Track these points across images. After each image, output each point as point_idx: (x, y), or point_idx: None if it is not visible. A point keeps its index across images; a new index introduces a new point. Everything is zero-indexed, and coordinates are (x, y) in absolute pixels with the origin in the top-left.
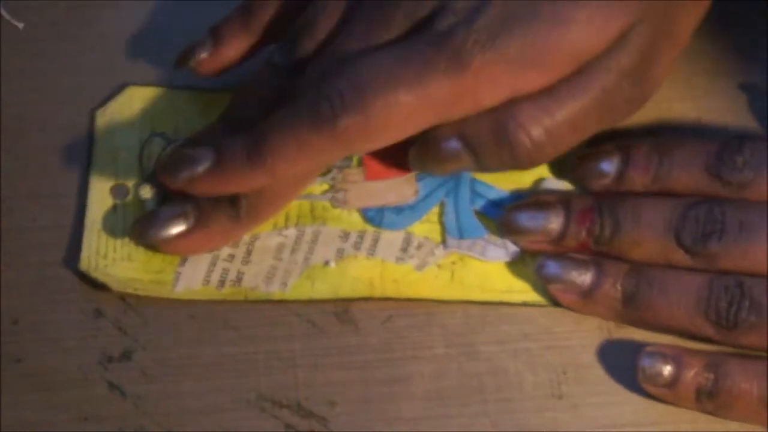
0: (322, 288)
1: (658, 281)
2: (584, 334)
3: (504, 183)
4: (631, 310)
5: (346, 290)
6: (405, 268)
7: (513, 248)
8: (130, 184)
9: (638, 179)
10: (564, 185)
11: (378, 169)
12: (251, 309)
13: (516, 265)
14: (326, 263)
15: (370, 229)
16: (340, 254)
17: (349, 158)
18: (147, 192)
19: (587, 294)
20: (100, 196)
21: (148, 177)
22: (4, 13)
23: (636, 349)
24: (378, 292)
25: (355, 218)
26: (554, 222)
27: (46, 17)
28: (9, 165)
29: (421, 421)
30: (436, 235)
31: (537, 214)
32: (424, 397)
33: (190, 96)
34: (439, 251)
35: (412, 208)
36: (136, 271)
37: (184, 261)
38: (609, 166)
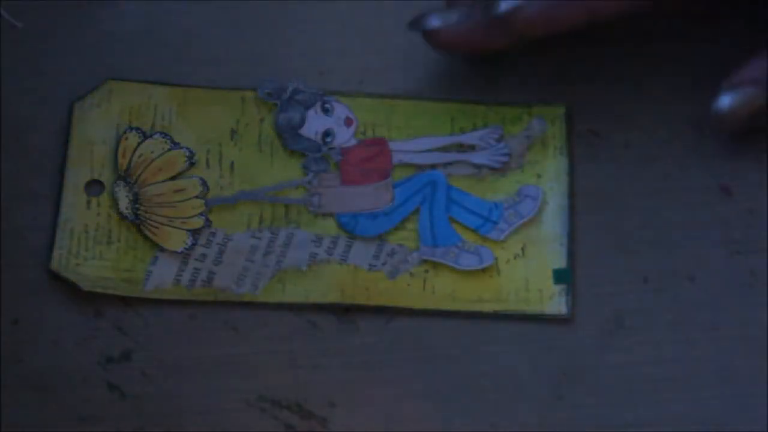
0: (293, 292)
1: None
2: (584, 334)
3: (481, 191)
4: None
5: (316, 295)
6: (377, 275)
7: (486, 256)
8: (106, 179)
9: None
10: (542, 191)
11: (354, 175)
12: (251, 309)
13: (488, 274)
14: (298, 267)
15: (344, 235)
16: (313, 258)
17: (327, 163)
18: (121, 190)
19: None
20: (75, 192)
21: (123, 174)
22: (4, 13)
23: (636, 349)
24: (349, 299)
25: (329, 223)
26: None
27: (46, 17)
28: (9, 165)
29: (421, 421)
30: (410, 243)
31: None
32: (424, 397)
33: (169, 91)
34: (413, 258)
35: (386, 214)
36: (106, 269)
37: (155, 260)
38: None
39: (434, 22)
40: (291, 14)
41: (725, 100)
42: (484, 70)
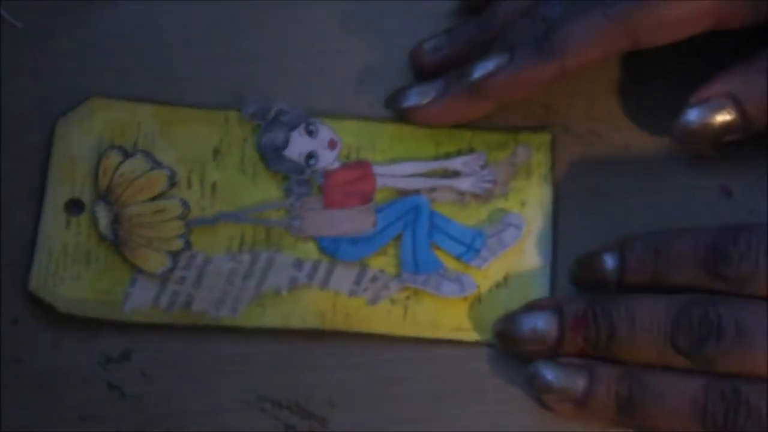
0: (272, 316)
1: (652, 387)
2: None
3: (463, 217)
4: (626, 417)
5: (296, 320)
6: (358, 301)
7: (468, 284)
8: (86, 198)
9: (636, 279)
10: (525, 220)
11: (337, 198)
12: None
13: (469, 303)
14: (278, 291)
15: (325, 259)
16: (293, 283)
17: (309, 185)
18: (101, 212)
19: (581, 402)
20: (55, 212)
21: (104, 193)
22: (4, 13)
23: None
24: (329, 325)
25: (310, 247)
26: (549, 330)
27: (46, 17)
28: (9, 165)
29: (421, 421)
30: (392, 269)
31: (533, 322)
32: (424, 397)
33: (153, 110)
34: (394, 285)
35: (368, 239)
36: (84, 290)
37: (134, 282)
38: (609, 268)
39: (411, 100)
40: (291, 15)
41: (693, 114)
42: None
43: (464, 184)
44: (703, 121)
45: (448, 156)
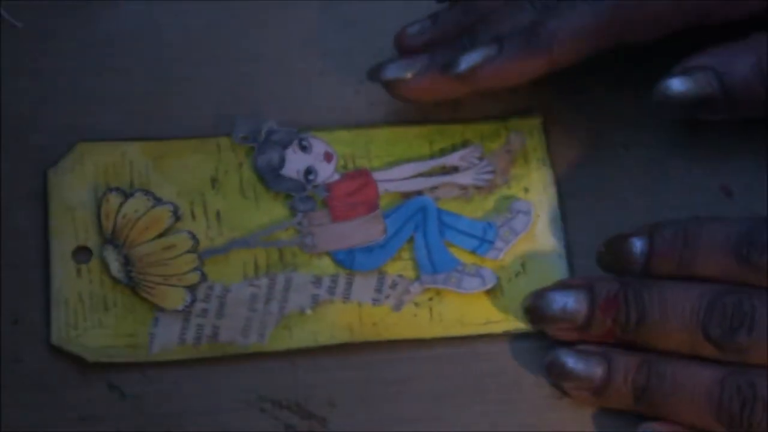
0: (300, 336)
1: (669, 377)
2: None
3: (470, 211)
4: (642, 406)
5: (325, 337)
6: (382, 309)
7: (489, 276)
8: (92, 244)
9: (663, 266)
10: (532, 205)
11: (343, 210)
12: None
13: (493, 295)
14: (302, 311)
15: (343, 273)
16: (315, 300)
17: (313, 201)
18: (110, 254)
19: (599, 390)
20: (63, 262)
21: (110, 237)
22: (4, 13)
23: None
24: (357, 337)
25: (326, 262)
26: (579, 310)
27: (46, 17)
28: (9, 165)
29: (421, 421)
30: (410, 272)
31: (563, 301)
32: (424, 397)
33: (142, 147)
34: (415, 288)
35: (382, 246)
36: (109, 337)
37: (156, 321)
38: (637, 252)
39: (391, 72)
40: (291, 15)
41: (673, 83)
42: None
43: (465, 178)
44: (683, 91)
45: (443, 152)
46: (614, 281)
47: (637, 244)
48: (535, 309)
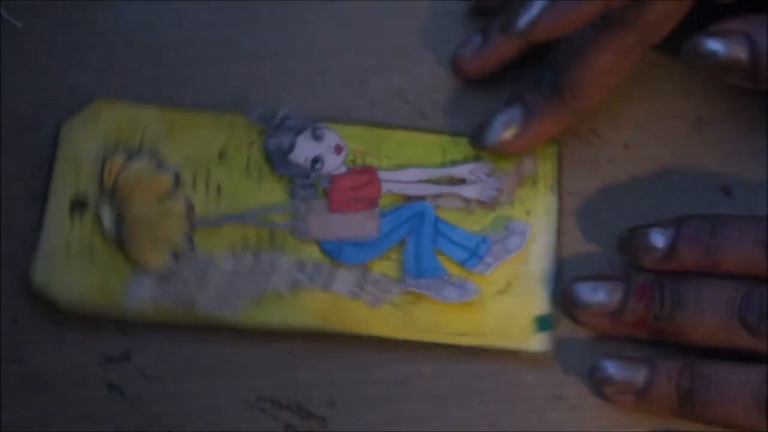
0: (273, 316)
1: (714, 378)
2: (584, 333)
3: (468, 224)
4: (687, 408)
5: (297, 322)
6: (358, 304)
7: (471, 289)
8: (91, 199)
9: (689, 253)
10: (530, 227)
11: (342, 203)
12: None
13: (471, 308)
14: (279, 292)
15: (328, 262)
16: (295, 285)
17: (315, 189)
18: (106, 212)
19: (642, 394)
20: (59, 209)
21: (109, 193)
22: (4, 13)
23: (635, 344)
24: (329, 326)
25: (314, 250)
26: (613, 296)
27: (46, 17)
28: (9, 165)
29: (421, 421)
30: (395, 273)
31: (597, 287)
32: (424, 397)
33: (158, 113)
34: (396, 289)
35: (372, 243)
36: (87, 288)
37: (136, 280)
38: (660, 240)
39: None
40: (291, 15)
41: (709, 43)
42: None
43: (469, 191)
44: (714, 51)
45: (454, 163)
46: (650, 274)
47: (663, 233)
48: (567, 294)
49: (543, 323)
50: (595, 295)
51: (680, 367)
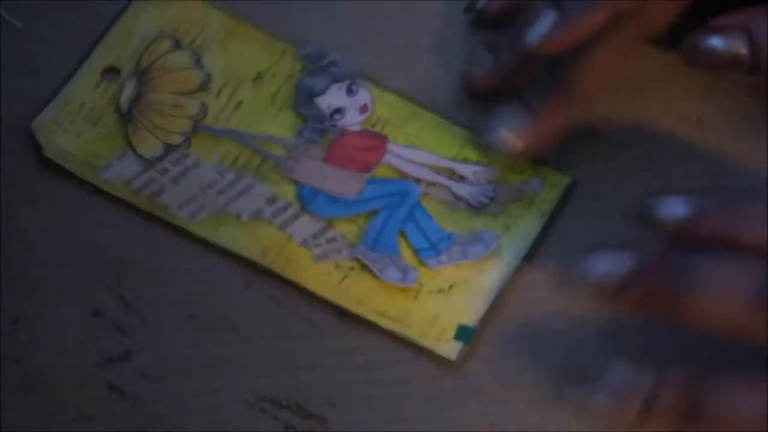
0: (222, 235)
1: (722, 387)
2: (584, 333)
3: (445, 220)
4: (693, 418)
5: (240, 246)
6: (304, 252)
7: (410, 276)
8: (124, 71)
9: (707, 226)
10: (497, 242)
11: (338, 158)
12: (251, 309)
13: (403, 295)
14: (239, 216)
15: (297, 206)
16: (257, 214)
17: (320, 136)
18: (129, 86)
19: (647, 402)
20: (92, 70)
21: (141, 72)
22: (4, 13)
23: (639, 348)
24: (268, 263)
25: (290, 189)
26: (621, 270)
27: (46, 17)
28: (9, 165)
29: (421, 421)
30: (353, 237)
31: (609, 255)
32: (424, 397)
33: (222, 18)
34: (346, 252)
35: (346, 203)
36: (75, 146)
37: (122, 156)
38: (681, 209)
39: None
40: (291, 15)
41: (709, 41)
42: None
43: (463, 190)
44: (714, 48)
45: (464, 161)
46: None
47: (683, 202)
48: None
49: (464, 333)
50: (609, 267)
51: (686, 376)
